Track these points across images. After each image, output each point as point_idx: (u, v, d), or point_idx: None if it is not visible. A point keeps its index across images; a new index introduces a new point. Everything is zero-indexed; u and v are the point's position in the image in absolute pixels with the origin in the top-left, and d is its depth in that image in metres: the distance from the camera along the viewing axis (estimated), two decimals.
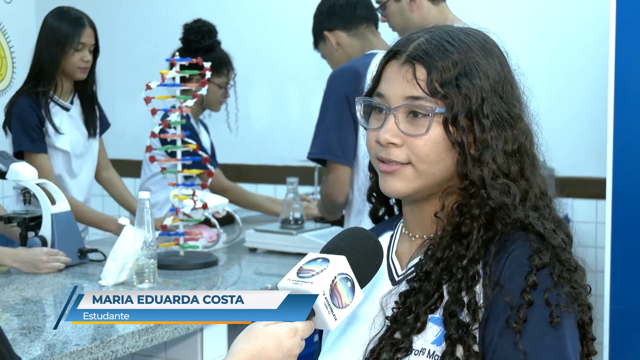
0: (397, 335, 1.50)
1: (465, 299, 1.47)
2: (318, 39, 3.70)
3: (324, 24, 3.63)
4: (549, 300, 1.43)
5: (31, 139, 3.72)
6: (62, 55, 3.74)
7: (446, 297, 1.49)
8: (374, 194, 1.75)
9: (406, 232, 1.66)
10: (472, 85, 1.51)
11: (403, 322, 1.50)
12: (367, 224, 1.78)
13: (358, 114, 1.62)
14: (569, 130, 4.33)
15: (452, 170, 1.54)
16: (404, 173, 1.53)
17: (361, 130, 3.19)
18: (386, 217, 1.77)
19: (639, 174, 3.20)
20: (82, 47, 3.77)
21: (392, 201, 1.76)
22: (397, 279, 1.60)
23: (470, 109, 1.51)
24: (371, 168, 1.72)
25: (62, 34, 3.75)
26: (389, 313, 1.54)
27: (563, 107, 4.38)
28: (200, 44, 4.14)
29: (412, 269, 1.58)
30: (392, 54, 1.58)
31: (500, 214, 1.52)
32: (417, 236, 1.63)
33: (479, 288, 1.48)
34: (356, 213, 3.34)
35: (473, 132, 1.52)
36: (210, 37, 4.20)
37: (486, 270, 1.48)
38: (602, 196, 3.29)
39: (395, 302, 1.53)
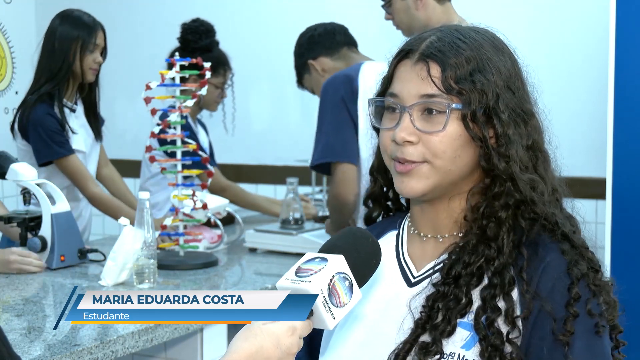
0: (425, 338, 1.49)
1: (502, 305, 1.47)
2: (302, 72, 3.77)
3: (306, 54, 3.72)
4: (592, 311, 1.47)
5: (59, 144, 3.72)
6: (78, 58, 3.75)
7: (476, 302, 1.49)
8: (371, 198, 1.75)
9: (415, 231, 1.65)
10: (487, 80, 1.52)
11: (433, 325, 1.49)
12: None
13: (369, 115, 1.62)
14: (569, 130, 4.33)
15: (469, 167, 1.55)
16: (420, 171, 1.53)
17: (363, 133, 3.21)
18: (379, 219, 1.76)
19: (639, 174, 3.20)
20: (95, 49, 3.79)
21: (390, 203, 1.75)
22: (413, 280, 1.60)
23: (488, 105, 1.52)
24: (372, 171, 1.72)
25: (78, 37, 3.76)
26: (417, 315, 1.53)
27: (563, 107, 4.38)
28: (197, 43, 4.14)
29: (430, 271, 1.58)
30: (403, 54, 1.59)
31: (524, 209, 1.53)
32: (429, 236, 1.63)
33: (515, 294, 1.48)
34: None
35: (493, 128, 1.52)
36: (208, 37, 4.20)
37: (522, 276, 1.48)
38: (602, 196, 3.30)
39: (423, 306, 1.52)
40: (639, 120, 3.19)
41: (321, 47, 3.68)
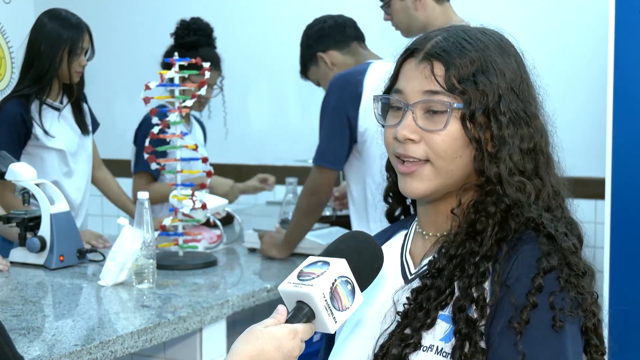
0: (407, 330, 1.50)
1: (474, 295, 1.47)
2: (308, 64, 3.74)
3: (315, 46, 3.68)
4: (554, 304, 1.44)
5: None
6: (65, 61, 3.73)
7: (457, 294, 1.50)
8: (391, 193, 1.76)
9: (420, 230, 1.67)
10: (490, 82, 1.53)
11: (413, 317, 1.50)
12: (378, 226, 1.78)
13: (375, 112, 1.63)
14: (568, 130, 4.29)
15: (470, 167, 1.55)
16: (422, 173, 1.54)
17: (369, 134, 3.23)
18: (402, 217, 1.78)
19: (638, 174, 3.19)
20: (81, 52, 3.77)
21: (409, 201, 1.76)
22: (409, 277, 1.61)
23: (488, 106, 1.52)
24: (388, 168, 1.73)
25: (67, 40, 3.73)
26: (400, 308, 1.54)
27: (562, 107, 4.34)
28: (184, 39, 4.11)
29: (425, 266, 1.59)
30: (409, 52, 1.60)
31: (514, 212, 1.53)
32: (430, 234, 1.64)
33: (487, 285, 1.48)
34: (372, 212, 3.36)
35: (490, 129, 1.53)
36: (196, 34, 4.17)
37: (495, 267, 1.48)
38: (602, 196, 3.29)
39: (407, 298, 1.54)
40: (638, 120, 3.19)
41: (331, 40, 3.65)
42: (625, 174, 3.21)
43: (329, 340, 1.74)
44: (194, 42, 4.13)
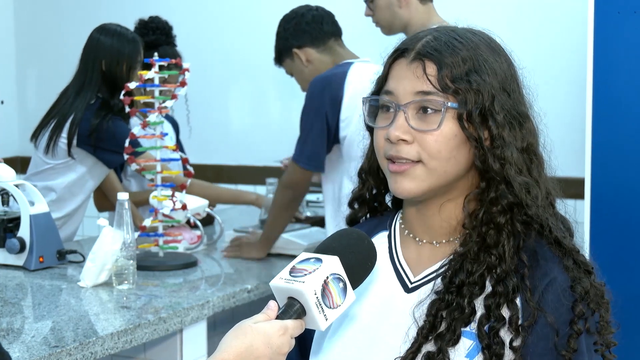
0: (430, 347, 1.49)
1: (505, 313, 1.47)
2: (283, 55, 3.67)
3: (291, 40, 3.60)
4: (591, 329, 1.48)
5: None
6: (126, 75, 3.78)
7: (479, 311, 1.49)
8: (358, 200, 1.73)
9: (410, 235, 1.64)
10: (483, 81, 1.52)
11: (438, 335, 1.48)
12: None
13: (364, 114, 1.61)
14: (547, 130, 4.34)
15: (463, 168, 1.54)
16: (414, 172, 1.52)
17: (352, 136, 3.24)
18: (363, 219, 1.75)
19: (618, 174, 3.21)
20: (137, 66, 3.82)
21: (376, 204, 1.74)
22: (410, 286, 1.58)
23: (484, 105, 1.51)
24: (360, 174, 1.71)
25: (127, 55, 3.81)
26: (412, 323, 1.53)
27: (542, 107, 4.39)
28: (142, 39, 4.11)
29: (429, 277, 1.57)
30: (399, 52, 1.58)
31: (517, 212, 1.53)
32: (424, 241, 1.62)
33: (518, 302, 1.48)
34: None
35: (489, 129, 1.52)
36: (155, 33, 4.18)
37: (525, 283, 1.49)
38: (581, 196, 3.31)
39: (427, 315, 1.51)
40: (618, 120, 3.20)
41: (308, 36, 3.57)
42: (605, 173, 3.22)
43: (301, 343, 1.72)
44: (153, 41, 4.14)
